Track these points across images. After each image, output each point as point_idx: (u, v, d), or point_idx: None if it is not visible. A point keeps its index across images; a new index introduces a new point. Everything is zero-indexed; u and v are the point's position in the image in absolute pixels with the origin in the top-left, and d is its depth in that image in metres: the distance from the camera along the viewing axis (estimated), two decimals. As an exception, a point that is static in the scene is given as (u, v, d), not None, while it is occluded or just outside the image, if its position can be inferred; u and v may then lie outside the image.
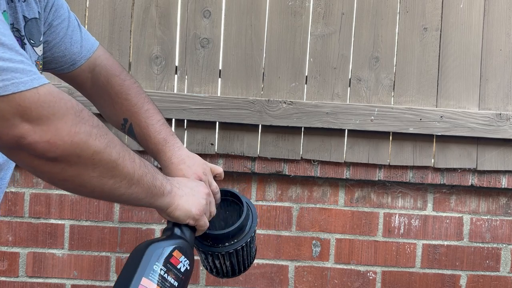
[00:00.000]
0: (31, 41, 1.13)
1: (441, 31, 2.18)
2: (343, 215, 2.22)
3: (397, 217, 2.23)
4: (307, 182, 2.22)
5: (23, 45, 1.10)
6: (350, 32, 2.18)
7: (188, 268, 1.07)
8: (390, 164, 2.18)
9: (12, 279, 2.17)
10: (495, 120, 2.15)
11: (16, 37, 1.08)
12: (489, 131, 2.16)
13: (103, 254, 2.19)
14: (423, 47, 2.18)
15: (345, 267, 2.23)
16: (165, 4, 2.14)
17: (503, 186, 2.21)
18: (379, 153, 2.17)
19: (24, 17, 1.11)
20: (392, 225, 2.23)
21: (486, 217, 2.24)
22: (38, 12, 1.15)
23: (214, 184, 1.30)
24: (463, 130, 2.15)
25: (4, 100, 0.80)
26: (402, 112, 2.15)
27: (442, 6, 2.18)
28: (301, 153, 2.17)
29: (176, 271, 1.04)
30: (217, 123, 2.15)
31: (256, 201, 2.20)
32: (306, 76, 2.17)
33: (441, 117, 2.15)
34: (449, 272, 2.24)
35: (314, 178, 2.21)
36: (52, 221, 2.18)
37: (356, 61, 2.17)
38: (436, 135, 2.17)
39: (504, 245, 2.25)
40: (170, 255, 1.04)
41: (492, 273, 2.25)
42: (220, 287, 2.22)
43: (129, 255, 1.05)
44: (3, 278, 2.16)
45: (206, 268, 1.31)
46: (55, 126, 0.83)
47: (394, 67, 2.19)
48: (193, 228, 1.14)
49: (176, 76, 2.16)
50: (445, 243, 2.24)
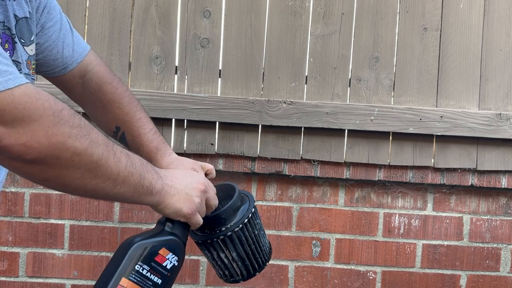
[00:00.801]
0: (22, 40, 1.12)
1: (441, 31, 2.18)
2: (343, 215, 2.22)
3: (397, 217, 2.23)
4: (307, 182, 2.22)
5: (14, 44, 1.09)
6: (350, 32, 2.18)
7: (176, 264, 1.07)
8: (390, 164, 2.18)
9: (12, 279, 2.17)
10: (495, 120, 2.15)
11: (7, 36, 1.07)
12: (489, 131, 2.16)
13: (103, 254, 2.19)
14: (423, 47, 2.18)
15: (345, 267, 2.23)
16: (165, 4, 2.14)
17: (503, 186, 2.21)
18: (379, 153, 2.17)
19: (15, 16, 1.10)
20: (392, 225, 2.23)
21: (486, 217, 2.24)
22: (29, 12, 1.14)
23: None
24: (463, 130, 2.15)
25: None
26: (402, 112, 2.15)
27: (442, 6, 2.18)
28: (301, 153, 2.17)
29: (161, 269, 1.04)
30: (217, 123, 2.15)
31: (256, 201, 2.20)
32: (306, 76, 2.17)
33: (441, 117, 2.15)
34: (449, 272, 2.24)
35: (314, 178, 2.21)
36: (52, 221, 2.17)
37: (356, 61, 2.17)
38: (436, 135, 2.17)
39: (504, 245, 2.25)
40: (156, 254, 1.04)
41: (492, 273, 2.25)
42: (220, 287, 2.22)
43: (115, 251, 1.05)
44: (3, 278, 2.16)
45: (220, 275, 1.27)
46: (31, 128, 0.81)
47: (394, 67, 2.19)
48: (187, 224, 1.13)
49: (176, 76, 2.16)
50: (445, 243, 2.24)
